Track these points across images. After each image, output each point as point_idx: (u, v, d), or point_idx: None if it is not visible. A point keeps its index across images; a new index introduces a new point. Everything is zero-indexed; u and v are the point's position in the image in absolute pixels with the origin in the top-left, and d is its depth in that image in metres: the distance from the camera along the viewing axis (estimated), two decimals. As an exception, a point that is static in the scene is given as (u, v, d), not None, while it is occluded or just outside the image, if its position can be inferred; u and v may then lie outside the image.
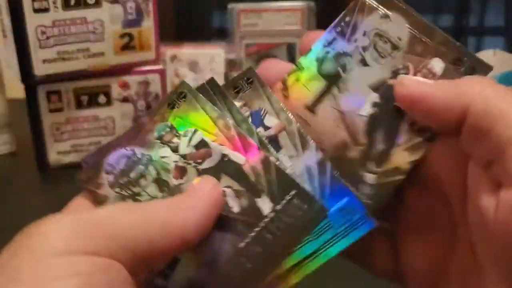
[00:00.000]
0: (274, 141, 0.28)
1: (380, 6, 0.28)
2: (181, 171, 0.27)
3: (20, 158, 0.72)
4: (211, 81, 0.28)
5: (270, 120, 0.28)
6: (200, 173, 0.27)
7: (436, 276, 0.27)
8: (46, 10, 0.59)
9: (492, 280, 0.23)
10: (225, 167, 0.27)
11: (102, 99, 0.66)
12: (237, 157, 0.27)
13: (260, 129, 0.28)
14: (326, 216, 0.25)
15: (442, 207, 0.26)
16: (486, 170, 0.23)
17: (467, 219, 0.25)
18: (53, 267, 0.21)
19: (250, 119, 0.28)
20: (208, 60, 0.82)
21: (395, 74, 0.28)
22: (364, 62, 0.28)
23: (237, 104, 0.28)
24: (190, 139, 0.27)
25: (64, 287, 0.20)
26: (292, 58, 0.82)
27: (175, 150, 0.27)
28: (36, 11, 0.59)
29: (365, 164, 0.27)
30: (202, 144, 0.27)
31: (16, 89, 0.66)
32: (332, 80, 0.28)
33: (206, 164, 0.27)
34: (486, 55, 0.58)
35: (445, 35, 0.27)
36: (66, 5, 0.60)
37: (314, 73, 0.29)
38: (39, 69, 0.61)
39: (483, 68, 0.27)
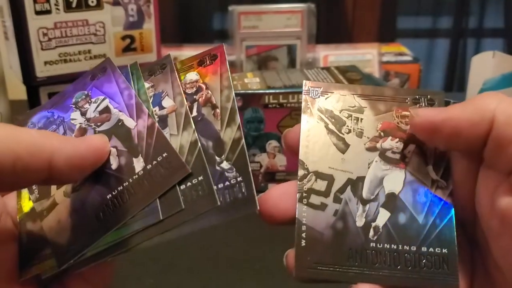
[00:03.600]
0: (163, 120, 0.31)
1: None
2: (82, 131, 0.31)
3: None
4: (134, 64, 0.33)
5: (167, 102, 0.31)
6: (96, 133, 0.31)
7: None
8: (47, 12, 0.60)
9: None
10: (117, 130, 0.30)
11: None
12: (130, 122, 0.30)
13: (156, 108, 0.31)
14: (187, 175, 0.28)
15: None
16: (508, 177, 0.24)
17: (481, 237, 0.26)
18: None
19: (151, 99, 0.32)
20: (208, 61, 0.83)
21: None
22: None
23: (147, 85, 0.32)
24: (98, 106, 0.32)
25: None
26: (292, 60, 0.83)
27: (84, 114, 0.32)
28: (38, 13, 0.59)
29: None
30: (106, 110, 0.31)
31: (18, 91, 0.66)
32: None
33: (103, 127, 0.31)
34: (485, 57, 0.59)
35: (393, 87, 0.29)
36: (68, 7, 0.60)
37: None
38: (41, 71, 0.61)
39: (436, 96, 0.30)
